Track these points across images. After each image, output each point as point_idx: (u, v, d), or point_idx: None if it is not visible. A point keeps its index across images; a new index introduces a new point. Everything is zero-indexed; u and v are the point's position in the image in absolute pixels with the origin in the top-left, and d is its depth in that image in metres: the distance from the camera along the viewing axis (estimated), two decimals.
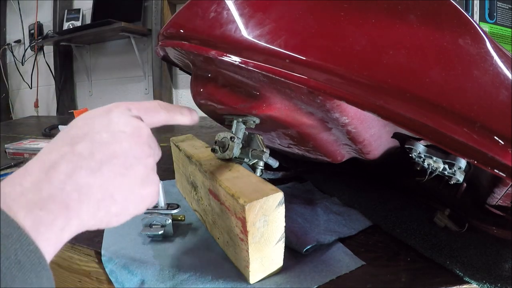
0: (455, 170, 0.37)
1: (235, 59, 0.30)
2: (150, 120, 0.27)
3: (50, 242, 0.19)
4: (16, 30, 2.33)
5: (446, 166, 0.37)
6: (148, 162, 0.25)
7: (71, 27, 1.90)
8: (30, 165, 0.20)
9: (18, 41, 2.35)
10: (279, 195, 0.30)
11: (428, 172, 0.39)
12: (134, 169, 0.23)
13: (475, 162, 0.24)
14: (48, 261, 0.18)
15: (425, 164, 0.39)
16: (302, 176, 0.60)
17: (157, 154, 0.27)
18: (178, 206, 0.41)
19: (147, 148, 0.25)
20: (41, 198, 0.19)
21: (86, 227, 0.21)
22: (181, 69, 0.61)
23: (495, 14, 0.73)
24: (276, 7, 0.30)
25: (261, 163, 0.38)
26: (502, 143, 0.23)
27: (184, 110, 0.31)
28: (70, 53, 2.12)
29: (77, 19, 1.98)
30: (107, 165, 0.22)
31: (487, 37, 0.25)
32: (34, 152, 0.81)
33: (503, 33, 0.74)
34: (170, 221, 0.40)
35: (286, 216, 0.32)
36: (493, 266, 0.33)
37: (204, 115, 0.50)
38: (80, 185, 0.20)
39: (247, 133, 0.40)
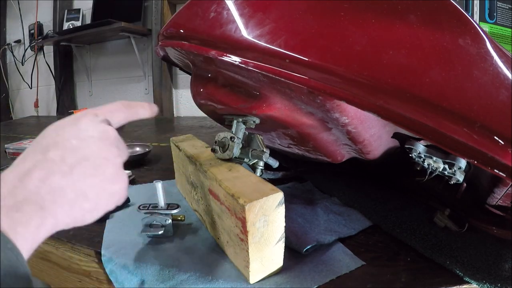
0: (455, 170, 0.37)
1: (235, 59, 0.30)
2: (116, 119, 0.29)
3: (27, 240, 0.20)
4: (16, 30, 2.33)
5: (446, 166, 0.37)
6: (117, 162, 0.27)
7: (71, 27, 1.91)
8: (6, 174, 0.22)
9: (18, 41, 2.35)
10: (279, 195, 0.30)
11: (428, 172, 0.39)
12: (104, 169, 0.25)
13: (475, 162, 0.24)
14: (26, 258, 0.20)
15: (425, 164, 0.39)
16: (302, 176, 0.60)
17: (124, 154, 0.29)
18: (178, 206, 0.41)
19: (115, 149, 0.27)
20: (16, 202, 0.20)
21: (61, 225, 0.23)
22: (181, 69, 0.61)
23: (495, 14, 0.73)
24: (276, 7, 0.30)
25: (261, 163, 0.38)
26: (502, 143, 0.23)
27: (144, 104, 0.33)
28: (70, 53, 2.12)
29: (77, 19, 1.98)
30: (78, 168, 0.24)
31: (487, 37, 0.25)
32: None
33: (503, 33, 0.74)
34: (170, 221, 0.40)
35: (286, 216, 0.32)
36: (493, 266, 0.33)
37: (204, 115, 0.50)
38: (53, 188, 0.22)
39: (247, 133, 0.40)
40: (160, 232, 0.39)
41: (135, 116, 0.32)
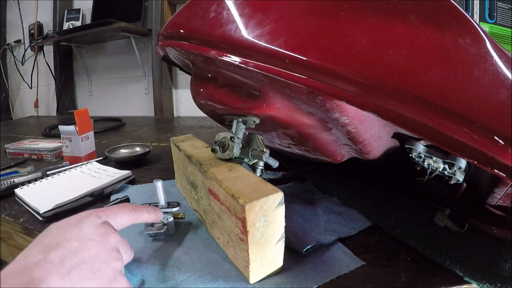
0: (455, 170, 0.37)
1: (235, 59, 0.30)
2: (120, 221, 0.31)
3: None
4: (16, 30, 2.33)
5: (446, 166, 0.37)
6: (116, 266, 0.27)
7: (71, 27, 1.90)
8: (7, 269, 0.23)
9: (18, 41, 2.34)
10: (279, 195, 0.30)
11: (428, 172, 0.39)
12: (102, 273, 0.26)
13: (475, 162, 0.24)
14: None
15: (425, 164, 0.39)
16: (302, 176, 0.60)
17: (128, 256, 0.31)
18: (178, 204, 0.41)
19: (114, 253, 0.28)
20: None
21: None
22: (181, 69, 0.61)
23: (495, 14, 0.73)
24: (276, 7, 0.30)
25: (261, 163, 0.38)
26: (502, 143, 0.23)
27: (150, 209, 0.36)
28: (70, 53, 2.12)
29: (77, 19, 1.98)
30: (76, 270, 0.24)
31: (487, 37, 0.25)
32: (33, 152, 0.81)
33: (503, 33, 0.74)
34: (171, 219, 0.40)
35: (286, 216, 0.32)
36: (493, 266, 0.33)
37: (204, 115, 0.50)
38: None
39: (247, 133, 0.40)
40: (162, 230, 0.39)
41: (139, 219, 0.34)
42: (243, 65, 0.29)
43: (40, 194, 0.52)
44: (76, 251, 0.25)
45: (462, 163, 0.36)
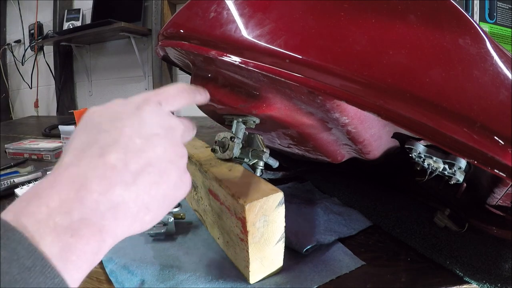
0: (455, 170, 0.37)
1: (235, 59, 0.30)
2: (177, 106, 0.26)
3: (80, 270, 0.17)
4: (16, 30, 2.34)
5: (446, 166, 0.37)
6: (181, 164, 0.23)
7: (71, 27, 1.91)
8: (57, 178, 0.18)
9: (18, 41, 2.35)
10: (279, 195, 0.30)
11: (428, 172, 0.39)
12: (168, 174, 0.22)
13: (475, 162, 0.24)
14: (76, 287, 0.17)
15: (425, 164, 0.39)
16: (302, 176, 0.60)
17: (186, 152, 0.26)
18: (179, 205, 0.41)
19: (180, 149, 0.23)
20: (71, 222, 0.16)
21: (118, 240, 0.20)
22: (181, 69, 0.61)
23: (495, 14, 0.73)
24: (276, 7, 0.30)
25: (261, 163, 0.38)
26: (502, 143, 0.23)
27: (200, 89, 0.30)
28: (70, 53, 2.13)
29: (77, 19, 1.98)
30: (142, 176, 0.20)
31: (487, 37, 0.25)
32: (33, 152, 0.81)
33: (503, 33, 0.74)
34: (172, 219, 0.40)
35: (286, 216, 0.32)
36: (493, 266, 0.33)
37: (204, 115, 0.50)
38: (114, 202, 0.18)
39: (247, 133, 0.39)
40: (162, 230, 0.39)
41: (193, 101, 0.29)
42: (243, 65, 0.29)
43: None
44: (140, 151, 0.20)
45: (462, 163, 0.36)
